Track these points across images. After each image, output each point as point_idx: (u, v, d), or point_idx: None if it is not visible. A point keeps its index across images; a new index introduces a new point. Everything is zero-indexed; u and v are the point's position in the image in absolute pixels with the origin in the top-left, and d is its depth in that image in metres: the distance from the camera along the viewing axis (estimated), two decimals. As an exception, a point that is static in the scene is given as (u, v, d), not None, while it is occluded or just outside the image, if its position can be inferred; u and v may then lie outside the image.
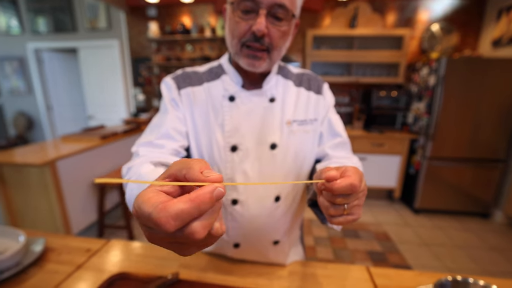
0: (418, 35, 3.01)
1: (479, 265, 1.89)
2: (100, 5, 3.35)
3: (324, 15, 3.09)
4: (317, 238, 2.21)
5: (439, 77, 2.36)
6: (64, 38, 3.55)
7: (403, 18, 3.00)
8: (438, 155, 2.50)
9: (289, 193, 0.64)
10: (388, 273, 0.65)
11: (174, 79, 0.63)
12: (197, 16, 3.26)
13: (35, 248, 0.69)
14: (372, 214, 2.65)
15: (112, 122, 3.60)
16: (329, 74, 3.10)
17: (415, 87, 2.77)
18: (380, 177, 2.83)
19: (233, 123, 0.60)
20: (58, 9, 3.45)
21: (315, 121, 0.65)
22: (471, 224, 2.48)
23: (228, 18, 0.55)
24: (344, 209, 0.38)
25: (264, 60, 0.55)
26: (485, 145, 2.43)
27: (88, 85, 3.72)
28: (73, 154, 1.89)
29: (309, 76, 0.68)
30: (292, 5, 0.52)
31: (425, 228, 2.41)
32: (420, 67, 2.68)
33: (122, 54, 3.51)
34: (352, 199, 0.37)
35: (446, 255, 2.01)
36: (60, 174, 1.80)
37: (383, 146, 2.74)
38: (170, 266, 0.67)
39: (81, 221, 2.04)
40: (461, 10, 2.90)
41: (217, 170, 0.61)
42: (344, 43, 2.98)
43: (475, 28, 2.92)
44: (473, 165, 2.49)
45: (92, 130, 2.58)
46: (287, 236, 0.69)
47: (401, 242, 2.18)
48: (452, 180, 2.55)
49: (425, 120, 2.54)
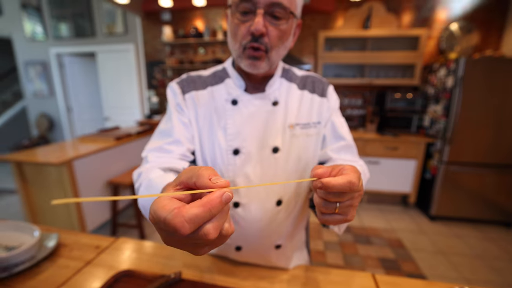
0: (436, 35, 2.91)
1: (501, 277, 1.78)
2: (117, 11, 3.48)
3: (337, 16, 3.05)
4: (327, 243, 2.17)
5: (457, 78, 2.26)
6: (84, 43, 3.71)
7: (420, 17, 2.91)
8: (456, 160, 2.39)
9: (291, 197, 0.64)
10: (395, 281, 0.63)
11: (179, 83, 0.65)
12: (209, 19, 3.31)
13: (48, 244, 0.72)
14: (386, 220, 2.57)
15: (127, 123, 3.71)
16: (341, 76, 3.05)
17: (431, 89, 2.67)
18: (394, 182, 2.74)
19: (236, 127, 0.60)
20: (79, 15, 3.61)
21: (319, 124, 0.64)
22: (492, 233, 2.35)
23: (229, 22, 0.56)
24: (336, 207, 0.36)
25: (263, 60, 0.54)
26: (508, 149, 2.30)
27: (105, 88, 3.87)
28: (89, 154, 1.96)
29: (313, 79, 0.68)
30: (291, 4, 0.51)
31: (442, 236, 2.30)
32: (438, 68, 2.59)
33: (137, 58, 3.62)
34: (346, 198, 0.36)
35: (464, 265, 1.91)
36: (76, 173, 1.87)
37: (397, 149, 2.65)
38: (175, 266, 0.68)
39: (95, 219, 2.10)
40: (482, 8, 2.77)
41: (219, 173, 0.62)
42: (357, 45, 2.93)
43: (497, 27, 2.79)
44: (495, 171, 2.36)
45: (108, 131, 2.66)
46: (289, 240, 0.69)
47: (416, 250, 2.09)
48: (472, 186, 2.42)
49: (443, 123, 2.44)
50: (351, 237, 2.26)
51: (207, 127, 0.62)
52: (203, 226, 0.25)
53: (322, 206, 0.37)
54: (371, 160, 2.69)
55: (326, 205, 0.37)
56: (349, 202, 0.37)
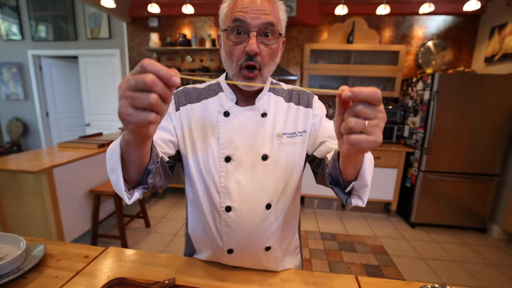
0: (414, 51, 3.10)
1: (477, 281, 1.88)
2: (102, 15, 3.42)
3: (322, 30, 3.18)
4: (313, 250, 2.19)
5: (432, 92, 2.41)
6: (65, 46, 3.61)
7: (399, 34, 3.09)
8: (433, 169, 2.52)
9: (280, 201, 0.68)
10: (376, 282, 0.68)
11: (174, 94, 0.69)
12: (197, 27, 3.33)
13: (35, 254, 0.70)
14: (369, 227, 2.64)
15: (110, 130, 3.61)
16: (326, 88, 3.16)
17: (410, 101, 2.83)
18: (377, 190, 2.84)
19: (228, 136, 0.65)
20: (61, 17, 3.51)
21: (304, 132, 0.70)
22: (468, 239, 2.47)
23: (223, 43, 0.62)
24: (364, 126, 0.35)
25: (257, 79, 0.60)
26: (481, 159, 2.46)
27: (87, 93, 3.75)
28: (70, 161, 1.88)
29: (298, 92, 0.74)
30: (278, 25, 0.59)
31: (422, 242, 2.40)
32: (415, 82, 2.75)
33: (123, 63, 3.56)
34: (372, 113, 0.35)
35: (442, 269, 2.00)
36: (56, 181, 1.79)
37: (380, 159, 2.76)
38: (168, 273, 0.69)
39: (75, 229, 2.01)
40: (455, 27, 3.00)
41: (212, 178, 0.65)
42: (341, 57, 3.05)
43: (468, 45, 3.02)
44: (469, 179, 2.51)
45: (89, 137, 2.58)
46: (279, 243, 0.72)
47: (397, 255, 2.16)
48: (448, 194, 2.56)
49: (421, 133, 2.57)
50: (336, 245, 2.29)
51: (201, 136, 0.67)
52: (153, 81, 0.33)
53: (352, 122, 0.36)
54: (355, 169, 2.77)
55: (356, 122, 0.36)
56: (376, 122, 0.36)
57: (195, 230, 0.75)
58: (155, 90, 0.33)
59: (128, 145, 0.44)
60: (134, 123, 0.34)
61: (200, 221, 0.72)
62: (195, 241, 0.77)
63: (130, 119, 0.34)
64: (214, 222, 0.67)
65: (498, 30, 2.64)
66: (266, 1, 0.58)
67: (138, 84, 0.32)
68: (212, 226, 0.68)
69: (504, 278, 1.92)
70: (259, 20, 0.56)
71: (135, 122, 0.34)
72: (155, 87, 0.33)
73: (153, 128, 0.38)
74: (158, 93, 0.33)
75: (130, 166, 0.47)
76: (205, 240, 0.72)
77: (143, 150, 0.45)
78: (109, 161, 0.48)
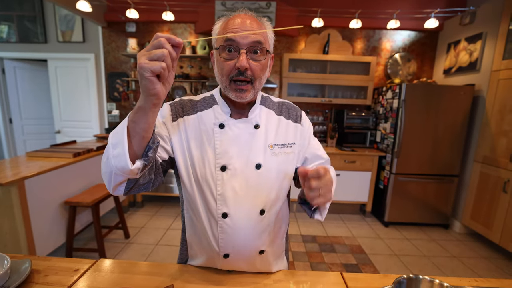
0: (383, 62, 3.35)
1: (443, 273, 2.06)
2: (76, 18, 3.29)
3: (300, 40, 3.32)
4: (295, 253, 2.26)
5: (400, 100, 2.63)
6: (33, 49, 3.40)
7: (370, 46, 3.33)
8: (403, 171, 2.73)
9: (272, 206, 0.73)
10: (358, 276, 0.76)
11: (171, 105, 0.73)
12: (177, 34, 3.32)
13: (21, 271, 0.68)
14: (347, 228, 2.78)
15: (83, 138, 3.44)
16: (304, 95, 3.29)
17: (381, 109, 3.04)
18: (353, 193, 3.00)
19: (223, 147, 0.69)
20: (28, 18, 3.32)
21: (294, 144, 0.76)
22: (434, 235, 2.69)
23: (216, 60, 0.67)
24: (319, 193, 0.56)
25: (249, 91, 0.66)
26: (443, 162, 2.72)
27: (57, 98, 3.55)
28: (44, 172, 1.78)
29: (288, 106, 0.81)
30: (266, 43, 0.65)
31: (395, 240, 2.57)
32: (385, 91, 2.97)
33: (98, 68, 3.43)
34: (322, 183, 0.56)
35: (414, 264, 2.16)
36: (28, 194, 1.68)
37: (355, 163, 2.92)
38: (162, 281, 0.70)
39: (47, 244, 1.88)
40: (418, 42, 3.29)
41: (209, 186, 0.69)
42: (318, 67, 3.21)
43: (430, 58, 3.33)
44: (434, 180, 2.75)
45: (62, 146, 2.45)
46: (271, 246, 0.77)
47: (374, 254, 2.30)
48: (417, 194, 2.78)
49: (391, 139, 2.78)
50: (317, 247, 2.38)
51: (198, 146, 0.71)
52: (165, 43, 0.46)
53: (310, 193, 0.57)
54: (332, 173, 2.91)
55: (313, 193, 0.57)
56: (325, 189, 0.57)
57: (192, 235, 0.77)
58: (166, 47, 0.46)
59: (138, 110, 0.51)
60: (149, 69, 0.45)
61: (197, 227, 0.74)
62: (190, 246, 0.79)
63: (147, 66, 0.45)
64: (210, 228, 0.70)
65: (453, 46, 2.95)
66: (255, 22, 0.64)
67: (155, 44, 0.46)
68: (208, 232, 0.71)
69: (465, 268, 2.12)
70: (249, 39, 0.61)
71: (150, 69, 0.45)
72: (166, 45, 0.46)
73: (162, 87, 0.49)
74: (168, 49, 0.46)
75: (135, 137, 0.52)
76: (201, 246, 0.75)
77: (150, 116, 0.51)
78: (113, 137, 0.52)
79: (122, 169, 0.51)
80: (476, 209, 2.53)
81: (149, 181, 0.61)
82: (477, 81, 2.62)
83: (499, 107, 2.34)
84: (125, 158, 0.50)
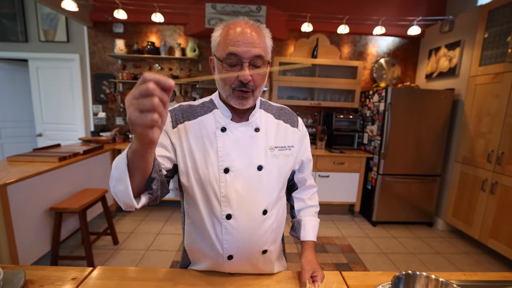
0: (369, 67, 3.46)
1: (428, 268, 2.15)
2: (59, 17, 3.18)
3: (289, 44, 3.38)
4: (289, 254, 2.28)
5: (386, 103, 2.73)
6: (11, 48, 3.25)
7: (356, 51, 3.44)
8: (389, 172, 2.83)
9: (274, 207, 0.76)
10: (357, 275, 0.80)
11: (171, 112, 0.74)
12: (166, 36, 3.29)
13: (14, 282, 0.65)
14: (337, 228, 2.84)
15: (67, 141, 3.31)
16: (293, 98, 3.34)
17: (368, 112, 3.14)
18: (342, 193, 3.07)
19: (225, 150, 0.71)
20: (6, 16, 3.17)
21: (292, 147, 0.80)
22: (419, 232, 2.80)
23: (217, 68, 0.68)
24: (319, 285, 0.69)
25: (250, 98, 0.68)
26: (426, 162, 2.84)
27: (39, 100, 3.41)
28: (27, 177, 1.70)
29: (286, 111, 0.85)
30: (266, 55, 0.67)
31: (383, 238, 2.65)
32: (372, 94, 3.07)
33: (83, 69, 3.32)
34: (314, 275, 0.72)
35: (401, 261, 2.24)
36: (10, 200, 1.60)
37: (344, 164, 3.00)
38: (165, 286, 0.70)
39: (32, 253, 1.80)
40: (401, 47, 3.44)
41: (213, 189, 0.70)
42: (307, 71, 3.27)
43: (413, 63, 3.48)
44: (418, 180, 2.86)
45: (46, 149, 2.35)
46: (273, 245, 0.79)
47: (363, 253, 2.36)
48: (402, 194, 2.88)
49: (378, 140, 2.87)
50: (309, 247, 2.41)
51: (200, 150, 0.72)
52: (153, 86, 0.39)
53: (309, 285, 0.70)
54: (321, 175, 2.97)
55: None
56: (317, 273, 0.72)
57: (192, 242, 0.77)
58: (156, 93, 0.39)
59: (135, 153, 0.49)
60: (141, 124, 0.40)
61: (199, 231, 0.74)
62: (191, 253, 0.80)
63: (138, 121, 0.40)
64: (214, 230, 0.71)
65: (434, 52, 3.10)
66: (255, 32, 0.65)
67: (142, 92, 0.39)
68: (212, 235, 0.71)
69: (448, 264, 2.22)
70: (250, 53, 0.63)
71: (142, 123, 0.40)
72: (156, 91, 0.39)
73: (156, 133, 0.43)
74: (158, 96, 0.40)
75: (135, 174, 0.52)
76: (204, 250, 0.75)
77: (148, 157, 0.50)
78: (115, 172, 0.51)
79: (129, 204, 0.53)
80: (457, 207, 2.66)
81: (156, 197, 0.61)
82: (457, 86, 2.77)
83: (477, 111, 2.48)
84: (129, 196, 0.51)
